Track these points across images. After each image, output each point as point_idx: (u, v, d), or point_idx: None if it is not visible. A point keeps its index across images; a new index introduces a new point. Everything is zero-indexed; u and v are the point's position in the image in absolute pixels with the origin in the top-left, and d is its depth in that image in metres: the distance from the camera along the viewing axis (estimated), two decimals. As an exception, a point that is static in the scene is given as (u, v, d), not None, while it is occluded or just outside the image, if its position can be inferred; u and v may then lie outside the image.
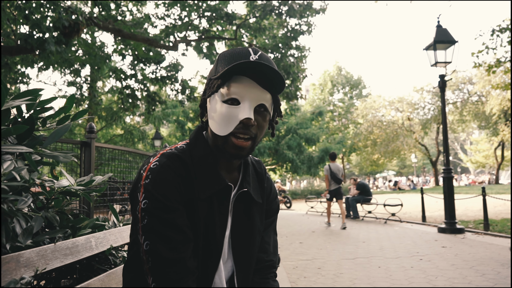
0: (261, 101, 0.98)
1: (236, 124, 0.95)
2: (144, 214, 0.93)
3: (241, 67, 0.93)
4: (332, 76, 38.55)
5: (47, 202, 1.36)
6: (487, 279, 3.80)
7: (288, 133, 23.90)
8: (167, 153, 1.00)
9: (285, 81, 0.98)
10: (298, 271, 4.45)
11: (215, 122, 0.98)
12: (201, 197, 0.99)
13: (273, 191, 1.21)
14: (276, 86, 0.99)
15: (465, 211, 10.89)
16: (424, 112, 32.79)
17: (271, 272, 1.15)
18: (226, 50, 1.03)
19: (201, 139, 1.05)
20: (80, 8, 8.16)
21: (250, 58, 0.96)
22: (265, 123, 1.01)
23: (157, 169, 0.95)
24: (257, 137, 0.99)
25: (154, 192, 0.93)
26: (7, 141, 1.19)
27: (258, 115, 0.99)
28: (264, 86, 0.98)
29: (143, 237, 0.93)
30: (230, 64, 0.96)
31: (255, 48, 1.01)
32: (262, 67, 0.93)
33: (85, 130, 3.65)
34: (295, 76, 11.30)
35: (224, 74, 0.95)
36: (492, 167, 38.19)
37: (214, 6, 10.59)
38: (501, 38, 9.50)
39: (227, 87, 0.96)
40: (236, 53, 0.99)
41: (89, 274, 1.46)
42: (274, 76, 0.95)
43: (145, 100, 12.22)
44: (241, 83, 0.95)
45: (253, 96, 0.96)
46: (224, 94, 0.97)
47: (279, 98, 1.06)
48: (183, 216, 0.95)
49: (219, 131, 0.97)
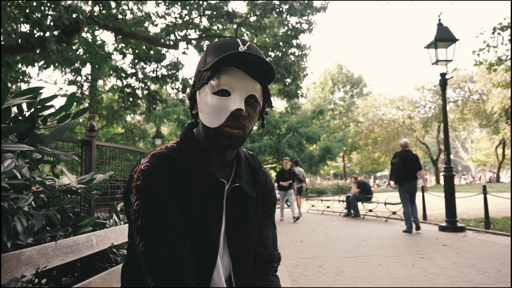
0: (252, 92, 0.97)
1: (227, 116, 0.95)
2: (137, 215, 0.93)
3: (230, 58, 0.92)
4: (332, 75, 38.51)
5: (48, 201, 1.36)
6: (488, 278, 3.80)
7: (289, 131, 23.88)
8: (157, 154, 0.99)
9: (275, 72, 0.97)
10: (299, 270, 4.45)
11: (205, 114, 0.98)
12: (194, 195, 0.98)
13: (269, 185, 1.20)
14: (266, 76, 0.98)
15: (466, 210, 10.88)
16: (425, 111, 32.78)
17: (271, 267, 1.14)
18: (214, 41, 1.02)
19: (192, 137, 1.05)
20: (81, 7, 8.15)
21: (239, 49, 0.96)
22: (255, 114, 1.00)
23: (147, 170, 0.95)
24: (247, 127, 0.99)
25: (146, 193, 0.93)
26: (8, 139, 1.19)
27: (249, 106, 0.98)
28: (254, 77, 0.97)
29: (138, 238, 0.93)
30: (219, 55, 0.95)
31: (243, 39, 1.00)
32: (252, 58, 0.92)
33: (86, 129, 3.66)
34: (296, 75, 11.30)
35: (214, 65, 0.94)
36: (493, 165, 38.14)
37: (214, 4, 10.57)
38: (502, 36, 9.48)
39: (217, 78, 0.95)
40: (224, 44, 0.98)
41: (90, 272, 1.46)
42: (264, 66, 0.94)
43: (146, 98, 12.23)
44: (231, 74, 0.95)
45: (244, 87, 0.96)
46: (214, 85, 0.96)
47: (269, 89, 1.05)
48: (177, 215, 0.95)
49: (210, 123, 0.96)
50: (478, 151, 40.25)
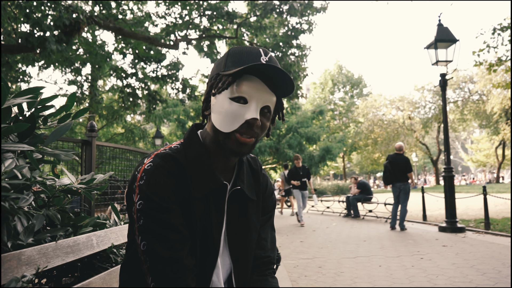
0: (267, 103, 0.99)
1: (241, 123, 0.96)
2: (139, 215, 0.93)
3: (253, 68, 0.94)
4: (332, 75, 38.52)
5: (48, 201, 1.36)
6: (488, 278, 3.80)
7: (289, 132, 23.89)
8: (161, 154, 1.00)
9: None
10: (299, 270, 4.45)
11: (219, 118, 0.99)
12: (197, 197, 0.99)
13: (269, 188, 1.22)
14: (285, 90, 1.01)
15: (466, 210, 10.88)
16: (425, 111, 32.80)
17: (269, 269, 1.15)
18: (236, 46, 1.04)
19: (196, 139, 1.05)
20: (81, 6, 8.15)
21: (261, 60, 0.98)
22: (267, 124, 1.03)
23: (151, 170, 0.96)
24: (259, 136, 1.01)
25: (148, 193, 0.93)
26: (9, 139, 1.19)
27: (263, 116, 1.00)
28: (272, 89, 0.99)
29: (140, 238, 0.94)
30: (241, 62, 0.97)
31: (264, 49, 1.02)
32: (274, 70, 0.95)
33: (86, 129, 3.66)
34: (296, 75, 11.30)
35: (237, 72, 0.95)
36: (493, 166, 38.15)
37: (214, 4, 10.58)
38: (502, 36, 9.49)
39: (237, 85, 0.97)
40: (247, 52, 1.00)
41: (90, 272, 1.46)
42: (285, 80, 0.97)
43: (146, 98, 12.23)
44: (251, 83, 0.96)
45: (261, 97, 0.98)
46: (233, 91, 0.97)
47: (283, 102, 1.07)
48: (178, 216, 0.96)
49: (223, 128, 0.97)
50: (478, 151, 40.25)
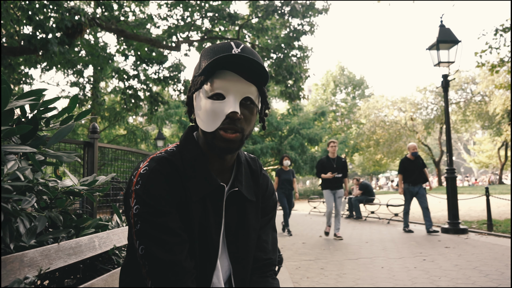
0: (246, 94, 0.97)
1: (223, 119, 0.95)
2: (136, 219, 0.93)
3: (223, 61, 0.92)
4: (334, 76, 38.49)
5: (50, 202, 1.37)
6: (490, 280, 3.79)
7: (291, 133, 23.87)
8: (156, 157, 0.99)
9: (269, 74, 0.96)
10: (301, 271, 4.44)
11: (201, 119, 0.98)
12: (194, 199, 0.98)
13: (270, 188, 1.19)
14: (260, 78, 0.97)
15: (469, 212, 10.85)
16: (427, 112, 32.70)
17: (270, 270, 1.14)
18: (208, 45, 1.02)
19: (191, 140, 1.05)
20: (83, 8, 8.18)
21: (232, 52, 0.95)
22: (252, 116, 1.00)
23: (147, 174, 0.95)
24: (245, 130, 0.98)
25: (145, 197, 0.93)
26: (11, 141, 1.19)
27: (245, 108, 0.98)
28: (249, 79, 0.97)
29: (138, 242, 0.93)
30: (212, 59, 0.94)
31: (237, 41, 1.00)
32: (244, 60, 0.92)
33: (88, 131, 3.66)
34: (298, 76, 11.30)
35: (206, 69, 0.94)
36: (496, 167, 38.03)
37: (216, 6, 10.60)
38: (504, 37, 9.46)
39: (210, 82, 0.95)
40: (218, 48, 0.98)
41: (93, 274, 1.47)
42: (257, 67, 0.94)
43: (148, 100, 12.26)
44: (225, 77, 0.95)
45: (238, 89, 0.95)
46: (208, 90, 0.96)
47: (265, 90, 1.04)
48: (176, 219, 0.95)
49: (207, 128, 0.96)
50: (481, 152, 40.12)
